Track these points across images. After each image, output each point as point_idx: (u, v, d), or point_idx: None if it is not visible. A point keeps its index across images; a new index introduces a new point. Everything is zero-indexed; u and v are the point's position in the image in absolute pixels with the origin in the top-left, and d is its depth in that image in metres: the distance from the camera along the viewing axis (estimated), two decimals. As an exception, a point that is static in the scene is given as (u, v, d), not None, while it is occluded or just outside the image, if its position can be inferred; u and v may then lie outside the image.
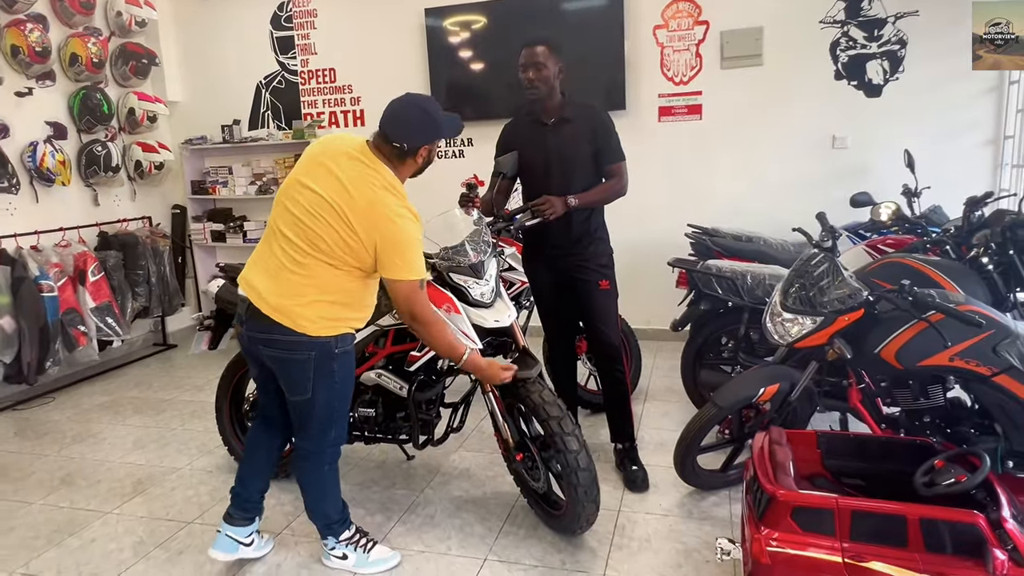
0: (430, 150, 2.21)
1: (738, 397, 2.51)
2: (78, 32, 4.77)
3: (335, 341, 2.18)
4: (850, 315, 2.29)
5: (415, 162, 2.20)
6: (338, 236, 2.09)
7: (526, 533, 2.61)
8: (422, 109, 2.18)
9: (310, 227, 2.10)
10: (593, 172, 2.91)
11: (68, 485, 3.21)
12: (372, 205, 2.08)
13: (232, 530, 2.44)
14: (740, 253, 3.66)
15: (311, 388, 2.20)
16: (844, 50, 4.41)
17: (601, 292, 2.93)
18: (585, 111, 2.90)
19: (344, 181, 2.10)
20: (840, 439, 2.16)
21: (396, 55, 5.15)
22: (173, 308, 5.40)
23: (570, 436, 2.31)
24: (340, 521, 2.44)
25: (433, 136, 2.20)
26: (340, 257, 2.12)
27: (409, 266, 2.11)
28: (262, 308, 2.14)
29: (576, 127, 2.85)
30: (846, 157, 4.50)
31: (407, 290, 2.13)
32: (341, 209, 2.08)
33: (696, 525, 2.60)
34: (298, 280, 2.12)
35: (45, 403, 4.38)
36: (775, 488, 1.81)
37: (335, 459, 2.40)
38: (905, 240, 3.38)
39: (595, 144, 2.86)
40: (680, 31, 4.63)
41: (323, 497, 2.40)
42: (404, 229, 2.09)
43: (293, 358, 2.17)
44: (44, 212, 4.60)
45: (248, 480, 2.48)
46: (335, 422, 2.31)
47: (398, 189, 2.15)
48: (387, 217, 2.08)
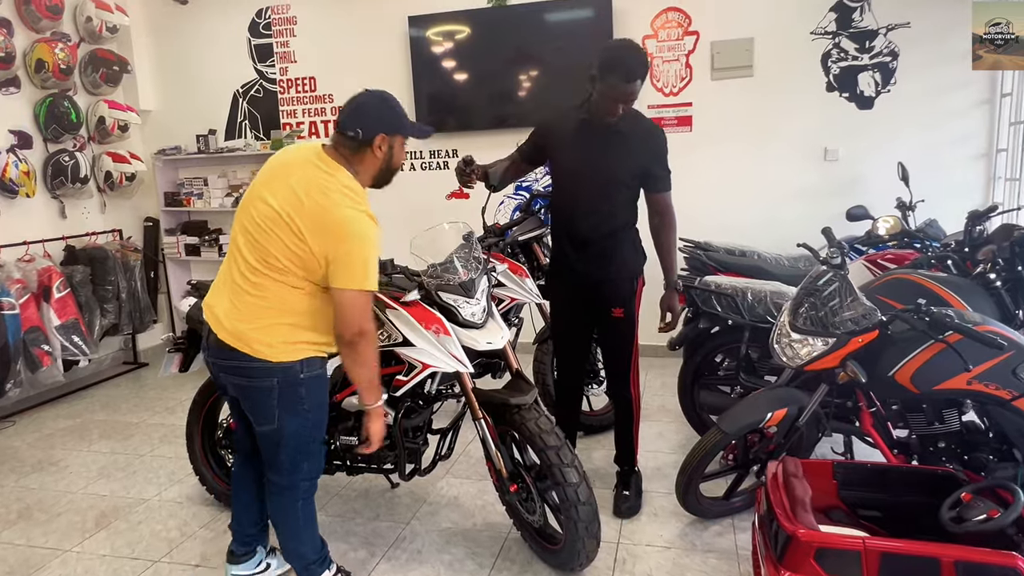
0: (391, 145, 2.01)
1: (744, 422, 2.38)
2: (45, 37, 4.57)
3: (300, 366, 2.01)
4: (864, 336, 2.17)
5: (374, 156, 1.99)
6: (288, 249, 1.91)
7: (520, 569, 2.44)
8: (380, 98, 2.03)
9: (262, 244, 1.95)
10: (631, 194, 2.64)
11: (25, 519, 2.99)
12: (324, 210, 1.89)
13: (237, 569, 2.38)
14: (736, 268, 3.54)
15: (276, 417, 2.04)
16: (836, 61, 4.34)
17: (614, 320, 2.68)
18: (645, 125, 2.63)
19: (296, 188, 1.92)
20: (857, 469, 2.04)
21: (378, 64, 5.00)
22: (144, 325, 5.17)
23: (569, 468, 2.16)
24: (318, 561, 2.26)
25: (391, 125, 1.99)
26: (293, 272, 1.94)
27: (363, 274, 1.89)
28: (219, 334, 2.00)
29: (629, 141, 2.54)
30: (838, 170, 4.43)
31: (359, 302, 1.91)
32: (291, 219, 1.90)
33: (700, 558, 2.45)
34: (254, 302, 1.97)
35: (4, 427, 4.13)
36: (795, 527, 1.67)
37: (310, 494, 2.22)
38: (905, 255, 3.29)
39: (648, 167, 2.59)
40: (670, 41, 4.55)
41: (297, 535, 2.22)
42: (358, 233, 1.89)
43: (255, 385, 2.02)
44: (6, 225, 4.37)
45: (241, 517, 2.39)
46: (308, 454, 2.14)
47: (355, 191, 1.96)
48: (339, 221, 1.88)
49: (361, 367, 2.01)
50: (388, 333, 2.34)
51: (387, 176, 2.09)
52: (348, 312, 1.92)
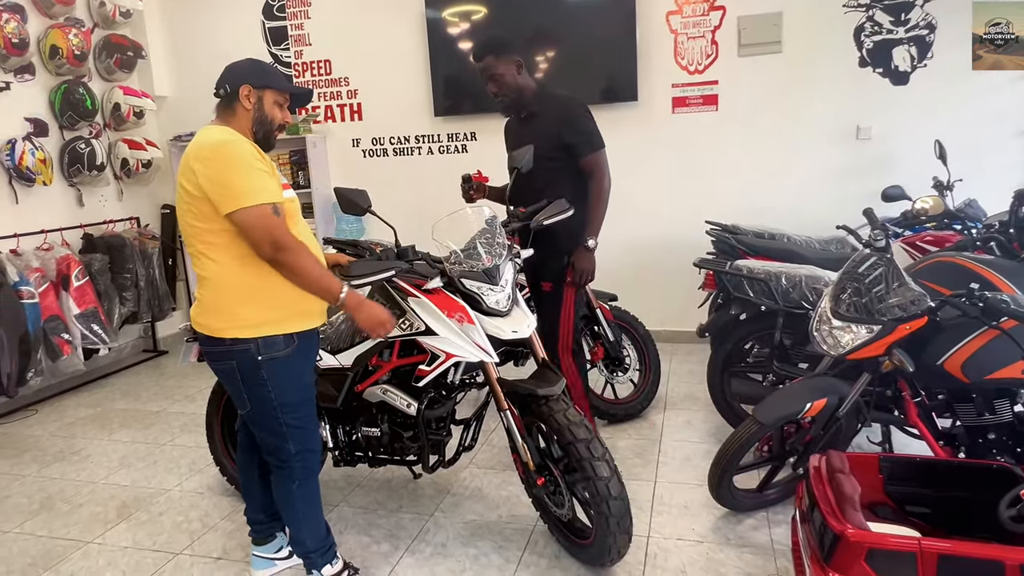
0: (260, 98, 2.02)
1: (782, 413, 2.28)
2: (58, 23, 4.51)
3: (256, 347, 1.97)
4: (912, 323, 2.06)
5: (245, 109, 2.01)
6: (184, 210, 1.95)
7: (548, 564, 2.37)
8: (251, 60, 2.13)
9: (180, 225, 2.02)
10: (565, 168, 2.79)
11: (48, 510, 2.97)
12: (191, 151, 1.92)
13: (258, 549, 2.40)
14: (766, 252, 3.42)
15: (246, 400, 2.06)
16: (869, 35, 4.17)
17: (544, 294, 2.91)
18: (553, 102, 2.84)
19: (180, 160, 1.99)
20: (905, 463, 1.93)
21: (395, 46, 4.89)
22: (163, 313, 5.15)
23: (600, 462, 2.07)
24: (320, 550, 2.21)
25: (257, 76, 2.02)
26: (197, 227, 1.93)
27: (246, 189, 1.87)
28: (192, 323, 2.09)
29: (542, 121, 2.77)
30: (871, 149, 4.27)
31: (257, 217, 1.87)
32: (180, 185, 1.95)
33: (735, 553, 2.37)
34: (201, 287, 2.04)
35: (27, 416, 4.13)
36: (844, 526, 1.57)
37: (307, 477, 2.17)
38: (946, 237, 3.16)
39: (562, 138, 2.75)
40: (695, 17, 4.39)
41: (295, 520, 2.18)
42: (223, 151, 1.88)
43: (219, 368, 2.08)
44: (24, 214, 4.34)
45: (249, 503, 2.39)
46: (287, 436, 2.09)
47: (220, 129, 1.97)
48: (202, 147, 1.91)
49: (300, 277, 1.97)
50: (410, 321, 2.27)
51: (262, 130, 2.05)
52: (252, 232, 1.89)
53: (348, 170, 5.17)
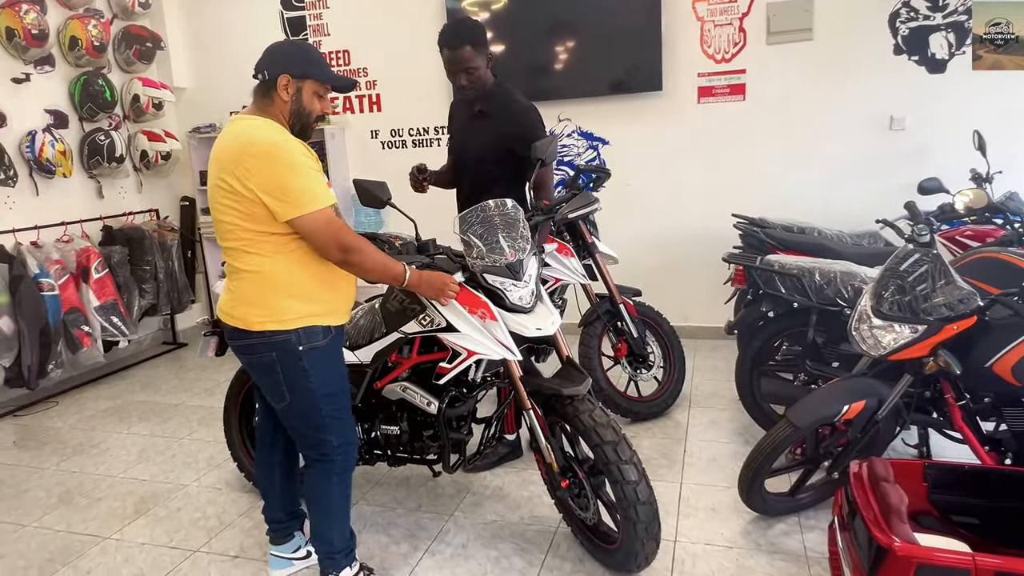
0: (299, 88, 1.93)
1: (818, 416, 2.19)
2: (78, 14, 4.48)
3: (296, 337, 1.93)
4: (960, 323, 1.95)
5: (282, 100, 1.92)
6: (230, 209, 1.86)
7: (572, 568, 2.30)
8: (293, 43, 2.08)
9: (217, 220, 1.93)
10: (506, 175, 2.68)
11: (66, 504, 2.95)
12: (238, 148, 1.83)
13: (276, 549, 2.35)
14: (797, 246, 3.31)
15: (286, 393, 1.99)
16: (904, 22, 4.01)
17: None
18: (510, 105, 2.68)
19: (216, 150, 1.91)
20: (951, 471, 1.83)
21: (414, 36, 4.81)
22: (183, 305, 5.14)
23: (628, 465, 1.99)
24: (345, 551, 2.16)
25: (297, 66, 1.92)
26: (244, 228, 1.86)
27: (307, 194, 1.82)
28: (222, 317, 2.03)
29: (497, 122, 2.64)
30: (905, 140, 4.12)
31: (323, 223, 1.84)
32: (220, 178, 1.86)
33: (766, 559, 2.28)
34: (236, 280, 1.96)
35: (47, 408, 4.14)
36: (890, 539, 1.48)
37: (346, 470, 2.12)
38: (988, 231, 3.03)
39: (509, 146, 2.63)
40: (722, 3, 4.26)
41: (328, 515, 2.12)
42: (276, 152, 1.81)
43: (257, 361, 1.99)
44: (44, 205, 4.34)
45: (268, 501, 2.34)
46: (331, 427, 2.04)
47: (267, 125, 1.89)
48: (255, 143, 1.82)
49: (370, 272, 1.96)
50: (431, 318, 2.20)
51: (301, 122, 1.98)
52: (318, 238, 1.86)
53: (366, 162, 5.11)
